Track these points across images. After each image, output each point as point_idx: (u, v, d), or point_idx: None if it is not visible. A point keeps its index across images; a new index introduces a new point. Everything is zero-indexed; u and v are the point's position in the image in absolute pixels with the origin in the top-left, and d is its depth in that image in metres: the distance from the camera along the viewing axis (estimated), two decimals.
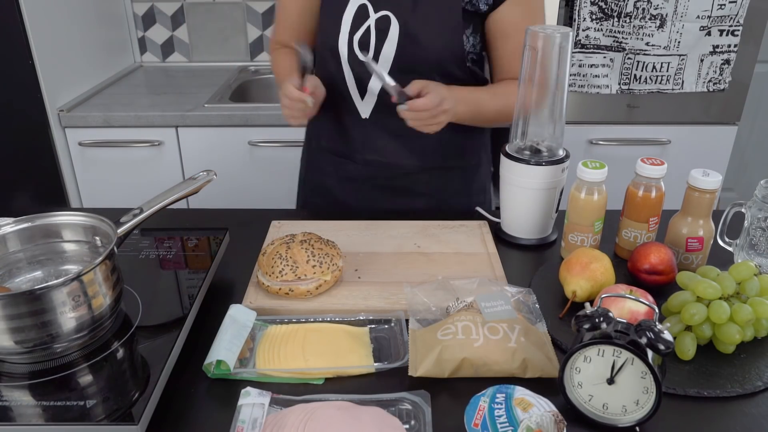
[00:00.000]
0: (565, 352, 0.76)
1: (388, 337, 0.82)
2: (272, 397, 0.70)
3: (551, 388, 0.71)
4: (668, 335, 0.65)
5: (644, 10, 1.75)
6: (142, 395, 0.66)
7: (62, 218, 0.83)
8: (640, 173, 0.94)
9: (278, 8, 1.26)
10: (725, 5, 1.75)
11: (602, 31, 1.79)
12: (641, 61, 1.83)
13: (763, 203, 0.92)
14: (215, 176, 0.93)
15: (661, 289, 0.90)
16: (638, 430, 0.68)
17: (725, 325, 0.76)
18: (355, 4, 1.10)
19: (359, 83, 1.15)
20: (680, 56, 1.82)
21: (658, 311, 0.70)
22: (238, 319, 0.81)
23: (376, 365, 0.76)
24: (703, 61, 1.84)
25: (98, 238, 0.82)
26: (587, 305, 0.71)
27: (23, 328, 0.69)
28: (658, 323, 0.67)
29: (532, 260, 1.03)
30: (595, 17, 1.77)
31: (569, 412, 0.69)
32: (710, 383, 0.74)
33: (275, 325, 0.83)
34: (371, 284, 0.92)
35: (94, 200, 2.00)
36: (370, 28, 1.10)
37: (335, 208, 1.26)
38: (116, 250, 0.78)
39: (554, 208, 1.06)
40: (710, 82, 1.87)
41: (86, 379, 0.70)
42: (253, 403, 0.69)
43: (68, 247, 0.84)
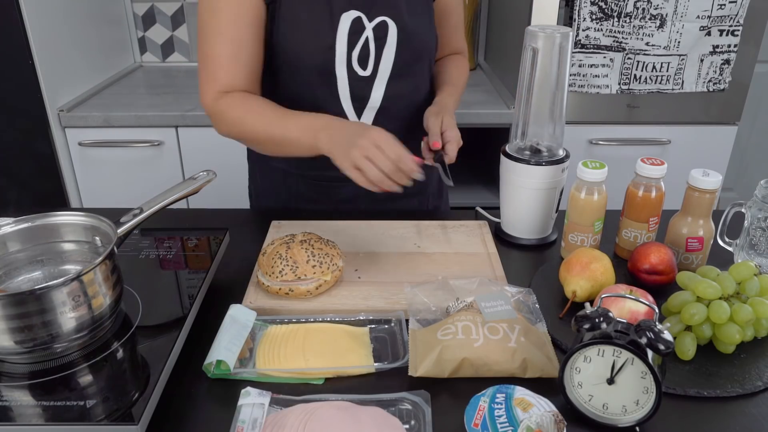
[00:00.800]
0: (565, 352, 0.76)
1: (388, 337, 0.82)
2: (272, 397, 0.70)
3: (551, 388, 0.71)
4: (668, 335, 0.65)
5: (644, 10, 1.75)
6: (142, 395, 0.66)
7: (62, 218, 0.83)
8: (640, 173, 0.94)
9: (218, 40, 1.00)
10: (725, 5, 1.75)
11: (602, 31, 1.79)
12: (641, 61, 1.83)
13: (763, 203, 0.92)
14: (215, 176, 0.93)
15: (661, 289, 0.90)
16: (638, 430, 0.68)
17: (725, 325, 0.76)
18: (348, 18, 1.03)
19: (358, 101, 1.09)
20: (680, 56, 1.82)
21: (658, 311, 0.70)
22: (238, 319, 0.81)
23: (376, 365, 0.76)
24: (703, 61, 1.83)
25: (98, 238, 0.82)
26: (587, 305, 0.71)
27: (23, 328, 0.68)
28: (658, 323, 0.67)
29: (532, 260, 1.03)
30: (595, 17, 1.77)
31: (569, 412, 0.69)
32: (710, 383, 0.74)
33: (275, 325, 0.83)
34: (371, 284, 0.92)
35: (94, 200, 2.00)
36: (368, 39, 1.05)
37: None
38: (116, 250, 0.78)
39: (554, 208, 1.06)
40: (710, 82, 1.87)
41: (86, 379, 0.70)
42: (253, 403, 0.69)
43: (68, 247, 0.84)
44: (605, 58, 1.83)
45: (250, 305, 0.86)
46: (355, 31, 1.04)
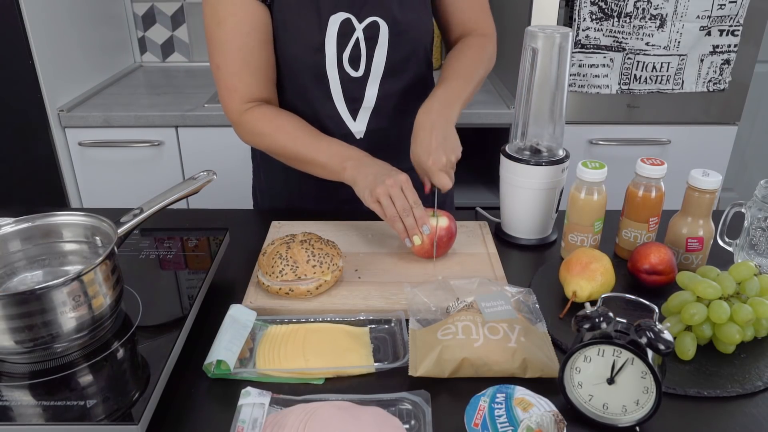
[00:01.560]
0: (565, 352, 0.76)
1: (388, 337, 0.82)
2: (272, 397, 0.70)
3: (551, 388, 0.71)
4: (668, 335, 0.65)
5: (644, 10, 1.75)
6: (142, 395, 0.66)
7: (62, 218, 0.83)
8: (640, 173, 0.94)
9: (226, 51, 1.02)
10: (725, 5, 1.75)
11: (602, 31, 1.79)
12: (641, 61, 1.83)
13: (763, 203, 0.92)
14: (215, 176, 0.93)
15: (661, 289, 0.90)
16: (638, 430, 0.68)
17: (725, 325, 0.76)
18: (336, 21, 1.02)
19: (351, 102, 1.09)
20: (680, 56, 1.82)
21: (658, 311, 0.70)
22: (238, 319, 0.81)
23: (376, 365, 0.76)
24: (703, 61, 1.84)
25: (98, 238, 0.82)
26: (587, 305, 0.71)
27: (23, 328, 0.68)
28: (658, 323, 0.67)
29: (532, 260, 1.03)
30: (595, 17, 1.77)
31: (569, 412, 0.69)
32: (710, 383, 0.74)
33: (275, 325, 0.83)
34: (371, 284, 0.92)
35: (94, 200, 2.00)
36: (359, 40, 1.04)
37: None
38: (116, 250, 0.78)
39: (554, 208, 1.06)
40: (710, 82, 1.87)
41: (86, 379, 0.70)
42: (253, 403, 0.69)
43: (68, 247, 0.84)
44: (605, 58, 1.83)
45: (250, 305, 0.86)
46: (344, 33, 1.04)
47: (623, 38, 1.80)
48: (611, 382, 0.68)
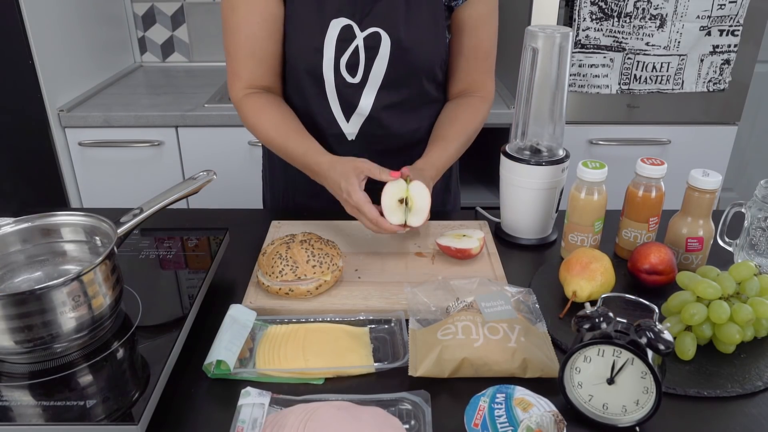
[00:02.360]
0: (565, 352, 0.76)
1: (388, 337, 0.82)
2: (272, 397, 0.70)
3: (551, 388, 0.71)
4: (668, 335, 0.65)
5: (644, 10, 1.75)
6: (142, 395, 0.66)
7: (62, 218, 0.83)
8: (640, 173, 0.94)
9: (236, 37, 1.05)
10: (725, 5, 1.75)
11: (602, 31, 1.79)
12: (641, 61, 1.83)
13: (763, 203, 0.92)
14: (215, 176, 0.93)
15: (661, 289, 0.90)
16: (638, 430, 0.68)
17: (725, 325, 0.76)
18: (337, 25, 1.03)
19: (346, 106, 1.10)
20: (680, 56, 1.82)
21: (658, 311, 0.70)
22: (238, 319, 0.81)
23: (376, 365, 0.76)
24: (703, 61, 1.84)
25: (98, 238, 0.82)
26: (587, 305, 0.71)
27: (23, 328, 0.68)
28: (658, 323, 0.67)
29: (532, 260, 1.03)
30: (595, 17, 1.77)
31: (569, 412, 0.69)
32: (710, 383, 0.74)
33: (275, 325, 0.83)
34: (371, 284, 0.92)
35: (94, 200, 2.00)
36: (358, 48, 1.04)
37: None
38: (116, 250, 0.78)
39: (554, 208, 1.06)
40: (710, 82, 1.87)
41: (86, 379, 0.70)
42: (253, 403, 0.69)
43: (68, 247, 0.84)
44: (605, 58, 1.83)
45: (250, 305, 0.86)
46: (344, 38, 1.04)
47: (623, 38, 1.80)
48: (611, 382, 0.68)
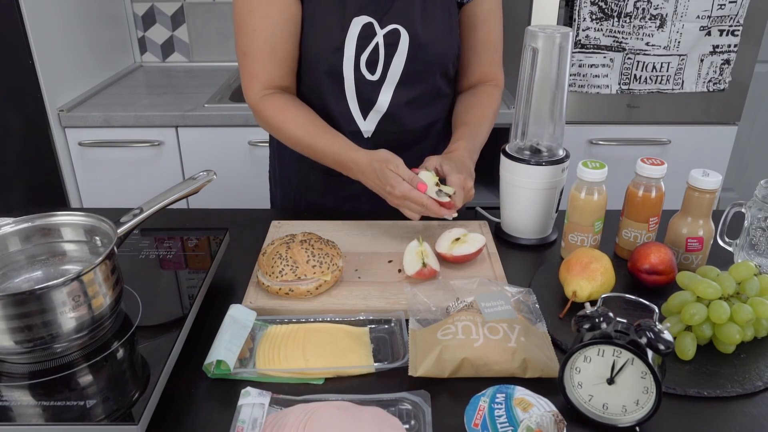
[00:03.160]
0: (565, 352, 0.76)
1: (388, 337, 0.82)
2: (272, 397, 0.70)
3: (551, 388, 0.71)
4: (668, 335, 0.65)
5: (644, 10, 1.75)
6: (142, 395, 0.66)
7: (62, 218, 0.83)
8: (640, 173, 0.94)
9: (253, 38, 1.04)
10: (725, 5, 1.75)
11: (602, 31, 1.79)
12: (641, 61, 1.83)
13: (763, 203, 0.92)
14: (215, 176, 0.93)
15: (661, 289, 0.90)
16: (638, 430, 0.68)
17: (725, 325, 0.76)
18: (358, 23, 1.04)
19: (364, 103, 1.11)
20: (680, 56, 1.82)
21: (658, 311, 0.70)
22: (238, 319, 0.81)
23: (376, 365, 0.76)
24: (703, 61, 1.84)
25: (98, 238, 0.82)
26: (587, 305, 0.71)
27: (23, 328, 0.68)
28: (658, 323, 0.67)
29: (532, 260, 1.03)
30: (595, 17, 1.77)
31: (569, 412, 0.69)
32: (710, 383, 0.74)
33: (275, 325, 0.83)
34: (371, 284, 0.92)
35: (94, 200, 2.00)
36: (378, 45, 1.06)
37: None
38: (116, 250, 0.78)
39: (554, 208, 1.06)
40: (710, 82, 1.87)
41: (86, 379, 0.70)
42: (253, 403, 0.69)
43: (68, 247, 0.84)
44: (605, 58, 1.83)
45: (250, 305, 0.86)
46: (365, 36, 1.05)
47: (623, 38, 1.80)
48: (611, 382, 0.68)
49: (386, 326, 0.84)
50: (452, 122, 1.18)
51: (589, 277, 0.87)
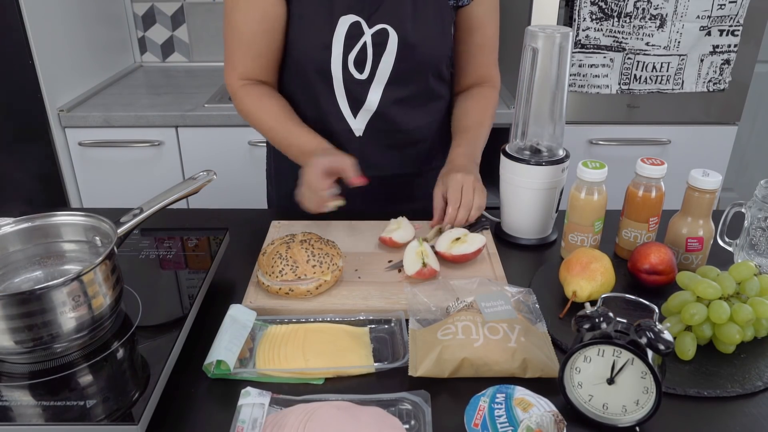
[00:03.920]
0: (565, 352, 0.76)
1: (388, 337, 0.82)
2: (272, 397, 0.70)
3: (551, 388, 0.71)
4: (668, 335, 0.65)
5: (644, 10, 1.75)
6: (142, 395, 0.66)
7: (62, 218, 0.83)
8: (640, 173, 0.94)
9: (234, 33, 1.09)
10: (725, 5, 1.75)
11: (602, 31, 1.79)
12: (641, 61, 1.83)
13: (763, 203, 0.92)
14: (215, 176, 0.93)
15: (661, 289, 0.90)
16: (638, 430, 0.68)
17: (725, 325, 0.76)
18: (345, 22, 1.04)
19: (353, 102, 1.11)
20: (680, 56, 1.82)
21: (658, 311, 0.70)
22: (238, 319, 0.81)
23: (376, 365, 0.76)
24: (703, 61, 1.84)
25: (98, 238, 0.82)
26: (587, 305, 0.71)
27: (23, 328, 0.68)
28: (658, 323, 0.67)
29: (532, 260, 1.03)
30: (595, 17, 1.77)
31: (569, 412, 0.69)
32: (710, 383, 0.74)
33: (275, 325, 0.83)
34: (371, 284, 0.92)
35: (94, 200, 2.00)
36: (366, 44, 1.06)
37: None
38: (116, 250, 0.78)
39: (554, 208, 1.06)
40: (710, 82, 1.87)
41: (86, 379, 0.70)
42: (253, 403, 0.69)
43: (68, 247, 0.84)
44: (605, 58, 1.83)
45: (250, 305, 0.86)
46: (352, 35, 1.05)
47: (623, 38, 1.80)
48: (611, 382, 0.68)
49: (386, 326, 0.84)
50: (451, 127, 1.19)
51: (589, 277, 0.87)
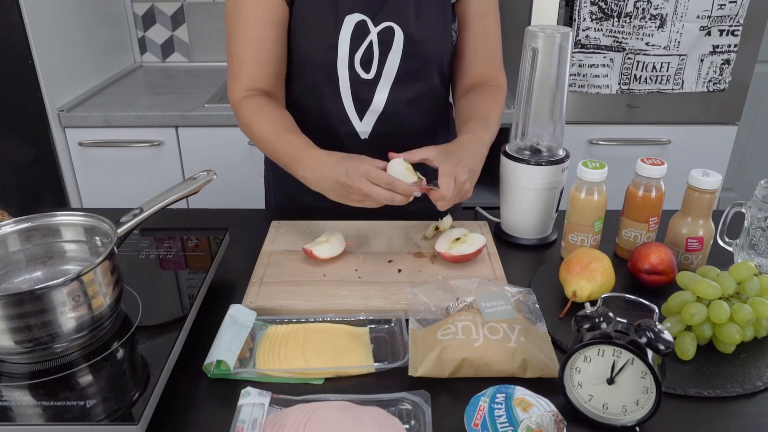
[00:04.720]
0: (565, 352, 0.76)
1: (388, 337, 0.82)
2: (272, 397, 0.70)
3: (551, 388, 0.71)
4: (668, 335, 0.65)
5: (644, 10, 1.75)
6: (142, 395, 0.66)
7: (62, 218, 0.83)
8: (640, 173, 0.94)
9: (240, 41, 1.05)
10: (725, 5, 1.75)
11: (602, 31, 1.79)
12: (641, 61, 1.83)
13: (763, 203, 0.92)
14: (215, 176, 0.93)
15: (661, 289, 0.90)
16: (638, 430, 0.68)
17: (725, 325, 0.76)
18: (351, 21, 1.04)
19: (359, 103, 1.10)
20: (680, 56, 1.82)
21: (658, 311, 0.70)
22: (238, 319, 0.81)
23: (376, 365, 0.76)
24: (703, 61, 1.84)
25: (98, 238, 0.82)
26: (587, 305, 0.71)
27: (23, 328, 0.68)
28: (658, 323, 0.67)
29: (532, 260, 1.03)
30: (595, 17, 1.77)
31: (569, 412, 0.69)
32: (710, 383, 0.74)
33: (275, 325, 0.83)
34: (371, 284, 0.92)
35: (94, 200, 2.00)
36: (372, 43, 1.05)
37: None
38: (116, 250, 0.78)
39: (554, 208, 1.06)
40: (710, 82, 1.87)
41: (86, 379, 0.70)
42: (253, 403, 0.69)
43: (68, 247, 0.84)
44: (605, 58, 1.83)
45: (250, 305, 0.86)
46: (358, 34, 1.05)
47: (623, 38, 1.80)
48: (611, 382, 0.68)
49: (386, 326, 0.84)
50: (457, 123, 1.15)
51: (589, 277, 0.87)
